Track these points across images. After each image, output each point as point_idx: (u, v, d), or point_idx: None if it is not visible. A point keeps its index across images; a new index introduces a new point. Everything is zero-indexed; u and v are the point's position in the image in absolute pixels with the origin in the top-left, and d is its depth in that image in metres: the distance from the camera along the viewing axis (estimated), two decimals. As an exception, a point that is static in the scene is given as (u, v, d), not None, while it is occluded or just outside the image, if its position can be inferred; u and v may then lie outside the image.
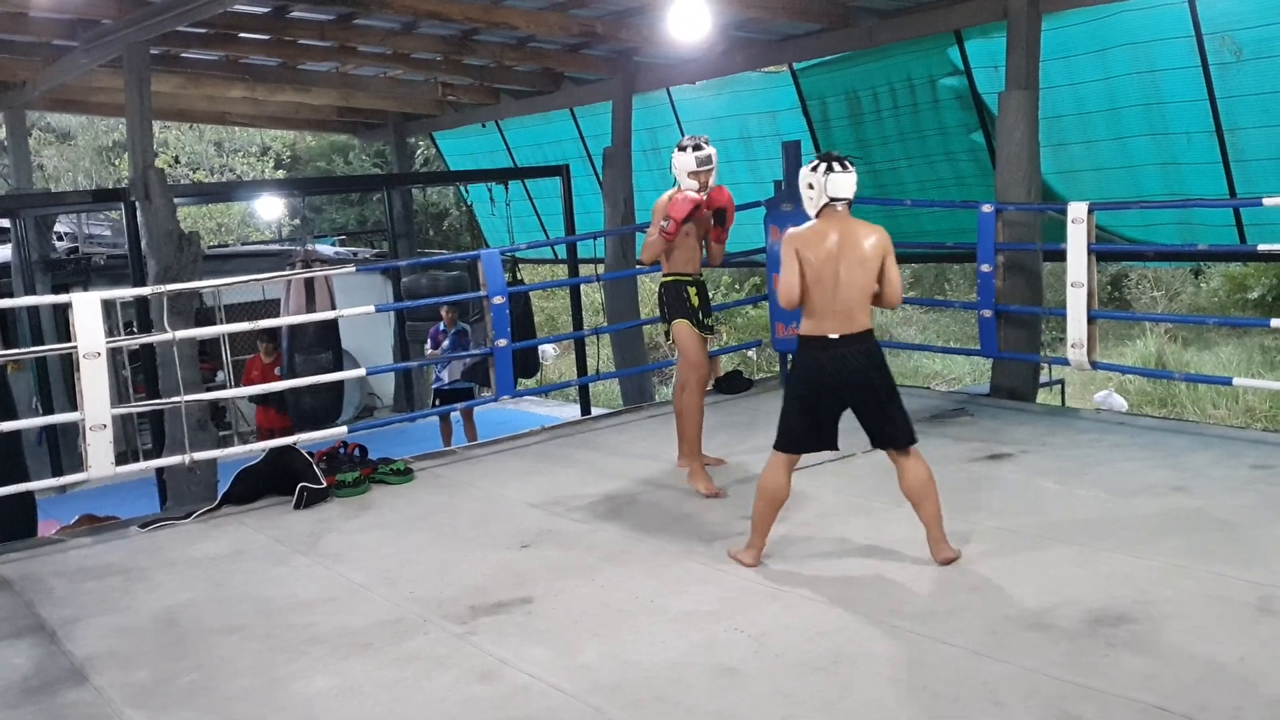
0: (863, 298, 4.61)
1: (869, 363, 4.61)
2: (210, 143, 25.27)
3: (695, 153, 5.89)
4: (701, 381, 6.05)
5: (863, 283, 4.60)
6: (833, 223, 4.68)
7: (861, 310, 4.61)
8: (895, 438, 4.65)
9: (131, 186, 7.76)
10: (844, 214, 4.70)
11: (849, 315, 4.58)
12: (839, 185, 4.67)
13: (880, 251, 4.64)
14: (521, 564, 4.96)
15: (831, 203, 4.68)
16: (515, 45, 10.60)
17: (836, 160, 4.71)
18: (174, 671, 4.02)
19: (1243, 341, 18.57)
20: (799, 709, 3.41)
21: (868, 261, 4.61)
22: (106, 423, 5.70)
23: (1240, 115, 7.44)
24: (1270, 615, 3.83)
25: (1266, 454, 5.86)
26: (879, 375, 4.62)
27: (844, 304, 4.58)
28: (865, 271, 4.61)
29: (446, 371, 10.46)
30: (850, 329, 4.58)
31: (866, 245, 4.63)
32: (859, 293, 4.59)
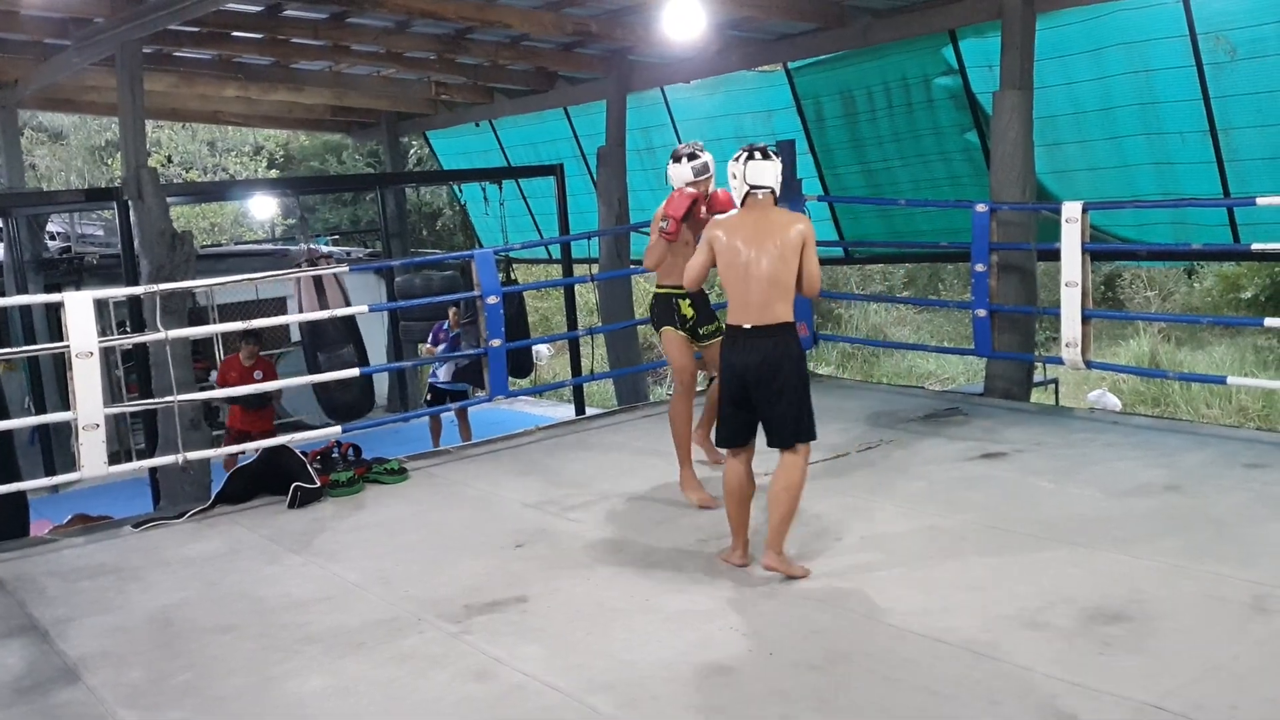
0: (778, 289, 4.50)
1: (775, 356, 4.49)
2: (203, 142, 25.22)
3: (690, 162, 5.61)
4: (684, 384, 5.84)
5: (779, 274, 4.50)
6: (754, 212, 4.63)
7: (779, 302, 4.50)
8: (782, 437, 4.55)
9: (124, 186, 7.74)
10: (766, 203, 4.63)
11: (763, 306, 4.50)
12: (759, 173, 4.61)
13: (798, 241, 4.51)
14: (516, 563, 4.95)
15: (752, 190, 4.62)
16: (509, 44, 10.59)
17: (759, 150, 4.67)
18: (167, 671, 4.01)
19: (1236, 341, 18.62)
20: (794, 708, 3.41)
21: (786, 252, 4.50)
22: (99, 422, 5.68)
23: (1234, 115, 7.45)
24: (1264, 614, 3.84)
25: (1260, 453, 5.87)
26: (783, 371, 4.50)
27: (758, 295, 4.50)
28: (783, 262, 4.50)
29: (444, 369, 10.46)
30: (763, 320, 4.50)
31: (786, 235, 4.51)
32: (774, 284, 4.50)
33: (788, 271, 4.51)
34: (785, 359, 4.51)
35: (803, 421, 4.56)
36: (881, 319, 21.85)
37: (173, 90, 11.39)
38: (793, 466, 4.54)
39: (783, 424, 4.55)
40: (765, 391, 4.52)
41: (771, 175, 4.64)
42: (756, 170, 4.62)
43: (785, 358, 4.51)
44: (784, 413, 4.53)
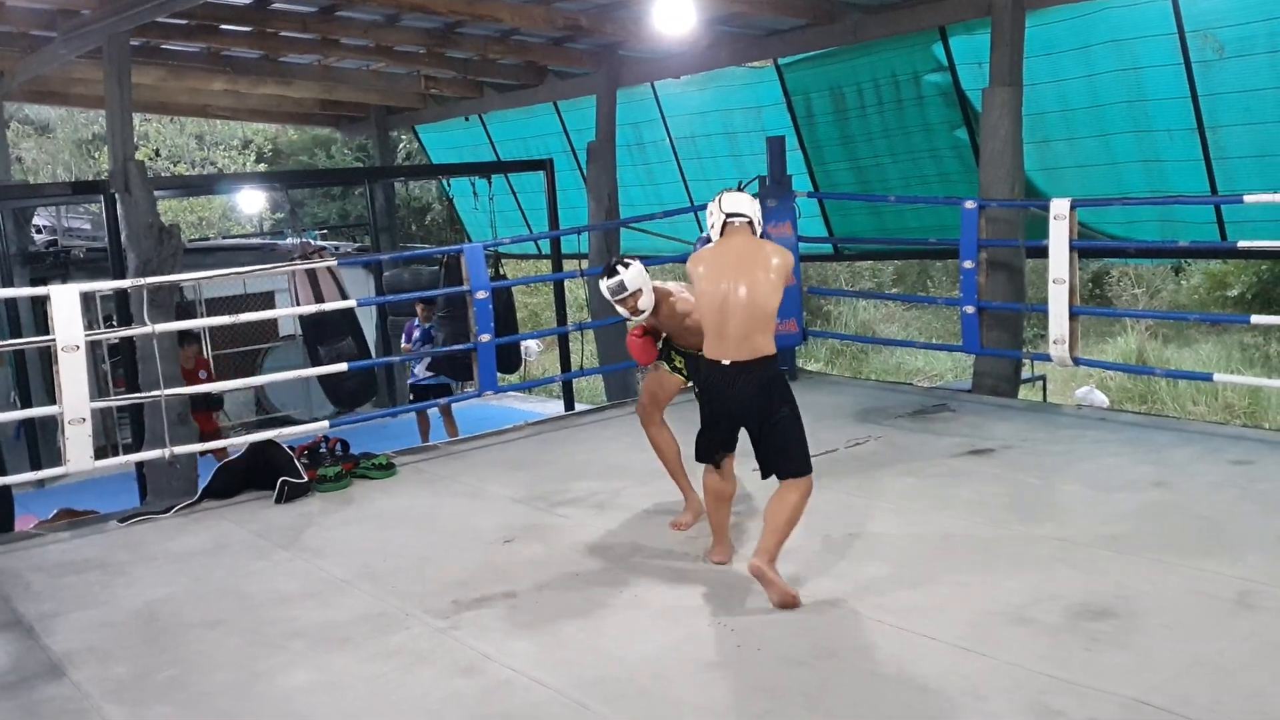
0: (758, 320, 4.32)
1: (764, 393, 4.35)
2: (191, 136, 25.11)
3: (607, 280, 5.10)
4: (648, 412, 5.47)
5: (759, 304, 4.32)
6: (733, 240, 4.49)
7: (759, 333, 4.33)
8: (780, 468, 4.40)
9: (111, 179, 7.70)
10: (743, 231, 4.50)
11: (743, 338, 4.32)
12: (734, 202, 4.54)
13: (779, 272, 4.36)
14: (504, 559, 4.95)
15: (729, 219, 4.51)
16: (499, 38, 10.55)
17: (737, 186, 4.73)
18: (153, 666, 4.00)
19: (1223, 338, 18.68)
20: (781, 703, 3.41)
21: (768, 284, 4.33)
22: (85, 416, 5.66)
23: (1222, 113, 7.47)
24: (1249, 609, 3.86)
25: (1245, 450, 5.90)
26: (774, 410, 4.36)
27: (737, 328, 4.32)
28: (764, 294, 4.32)
29: (420, 366, 10.45)
30: (741, 355, 4.33)
31: (767, 265, 4.36)
32: (754, 315, 4.32)
33: (770, 304, 4.35)
34: (775, 397, 4.37)
35: (802, 457, 4.40)
36: (870, 315, 21.86)
37: (161, 83, 11.34)
38: (792, 492, 4.36)
39: (776, 461, 4.41)
40: (756, 428, 4.40)
41: (747, 205, 4.54)
42: (732, 200, 4.54)
43: (774, 395, 4.37)
44: (778, 449, 4.40)
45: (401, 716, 3.50)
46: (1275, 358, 17.34)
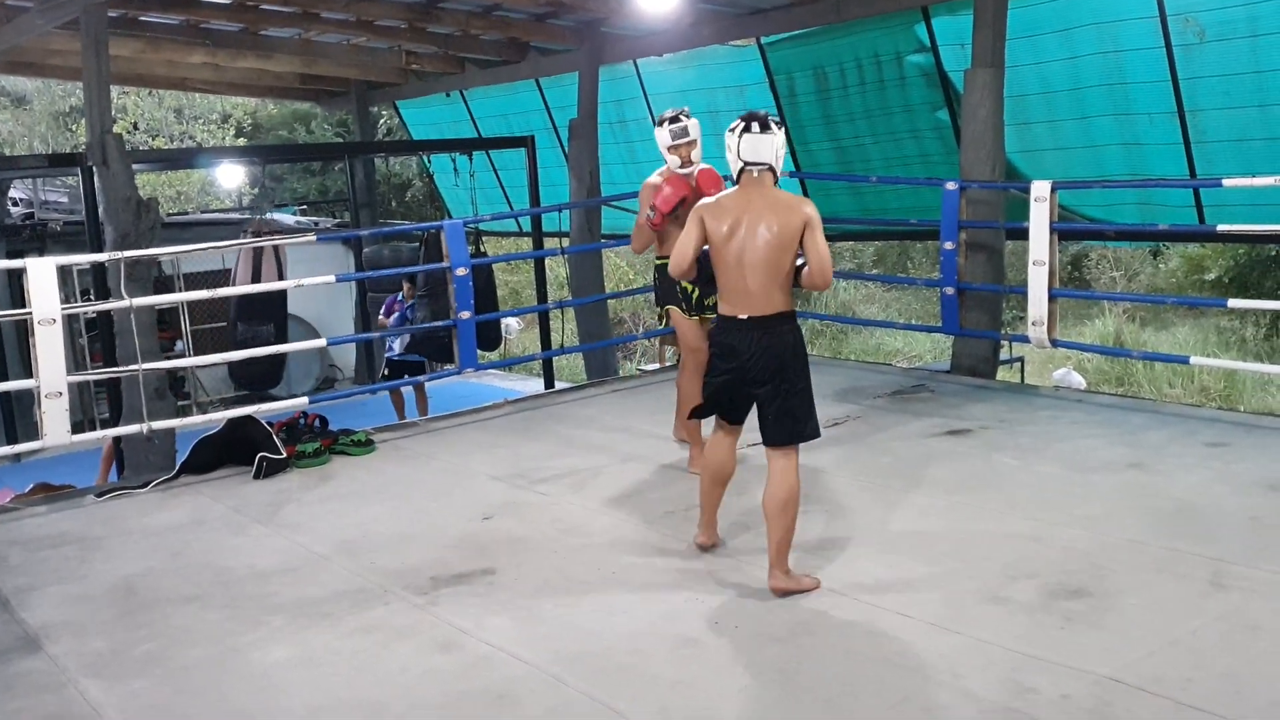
0: (773, 277, 4.09)
1: (777, 352, 4.13)
2: (170, 109, 24.91)
3: (671, 125, 5.49)
4: (698, 365, 5.46)
5: (773, 260, 4.08)
6: (749, 192, 4.20)
7: (776, 288, 4.11)
8: (776, 433, 4.18)
9: (89, 152, 7.62)
10: (762, 182, 4.20)
11: (761, 294, 4.11)
12: (754, 148, 4.18)
13: (799, 226, 4.07)
14: (484, 536, 4.95)
15: (747, 167, 4.21)
16: (480, 14, 10.49)
17: (758, 120, 4.20)
18: (130, 641, 3.99)
19: (1199, 322, 18.81)
20: (758, 679, 3.44)
21: (782, 237, 4.06)
22: (62, 390, 5.62)
23: (1201, 97, 7.50)
24: (1222, 590, 3.90)
25: (1220, 432, 5.95)
26: (787, 368, 4.15)
27: (754, 281, 4.10)
28: (778, 248, 4.07)
29: (399, 342, 10.42)
30: (757, 310, 4.12)
31: (786, 220, 4.08)
32: (768, 271, 4.08)
33: (786, 259, 4.09)
34: (788, 354, 4.15)
35: (807, 420, 4.20)
36: (850, 296, 21.91)
37: (139, 56, 11.22)
38: (787, 473, 4.15)
39: (783, 422, 4.17)
40: (767, 388, 4.15)
41: (769, 150, 4.19)
42: (751, 144, 4.18)
43: (788, 353, 4.15)
44: (787, 411, 4.16)
45: (379, 692, 3.51)
46: (1251, 341, 17.48)
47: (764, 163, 4.19)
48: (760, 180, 4.20)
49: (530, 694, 3.43)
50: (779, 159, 4.24)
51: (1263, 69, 7.11)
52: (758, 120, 4.19)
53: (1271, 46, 7.00)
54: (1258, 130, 7.35)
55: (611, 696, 3.37)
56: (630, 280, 21.69)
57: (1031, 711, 3.13)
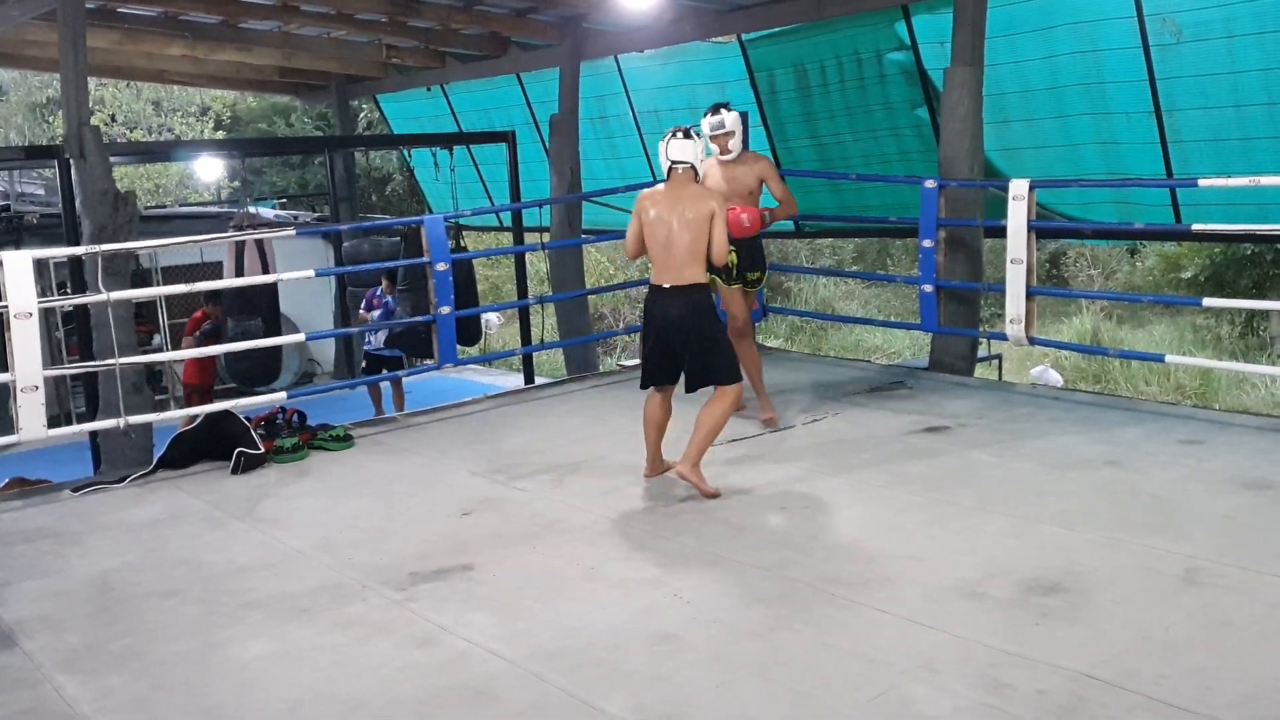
0: (690, 254, 5.15)
1: (689, 311, 5.17)
2: (148, 101, 24.75)
3: (710, 117, 6.43)
4: (736, 330, 6.45)
5: (689, 241, 5.14)
6: (674, 186, 5.28)
7: (690, 265, 5.16)
8: (691, 380, 5.28)
9: (66, 144, 7.57)
10: (684, 178, 5.29)
11: (678, 269, 5.17)
12: (679, 150, 5.28)
13: (707, 214, 5.15)
14: (463, 531, 4.95)
15: (673, 166, 5.29)
16: (461, 8, 10.47)
17: (683, 130, 5.33)
18: (107, 636, 3.98)
19: (1175, 320, 18.95)
20: (735, 674, 3.45)
21: (695, 223, 5.13)
22: (38, 384, 5.59)
23: (1178, 96, 7.55)
24: (1195, 586, 3.93)
25: (1195, 429, 6.00)
26: (696, 324, 5.18)
27: (674, 259, 5.17)
28: (692, 231, 5.14)
29: (378, 336, 10.40)
30: (678, 281, 5.17)
31: (695, 209, 5.14)
32: (686, 250, 5.15)
33: (699, 240, 5.16)
34: (698, 314, 5.19)
35: (719, 368, 5.24)
36: (830, 293, 21.97)
37: (117, 47, 11.14)
38: (722, 396, 5.23)
39: (698, 371, 5.26)
40: (683, 343, 5.21)
41: (691, 152, 5.28)
42: (677, 148, 5.28)
43: (698, 313, 5.19)
44: (700, 361, 5.22)
45: (357, 687, 3.50)
46: (1226, 340, 17.63)
47: (685, 161, 5.30)
48: (683, 177, 5.31)
49: (508, 690, 3.44)
50: (699, 159, 5.35)
51: (1238, 70, 7.16)
52: (682, 130, 5.34)
53: (1247, 47, 7.06)
54: (1233, 130, 7.41)
55: (589, 692, 3.38)
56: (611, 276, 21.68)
57: (1007, 707, 3.15)
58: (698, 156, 5.33)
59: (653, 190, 5.39)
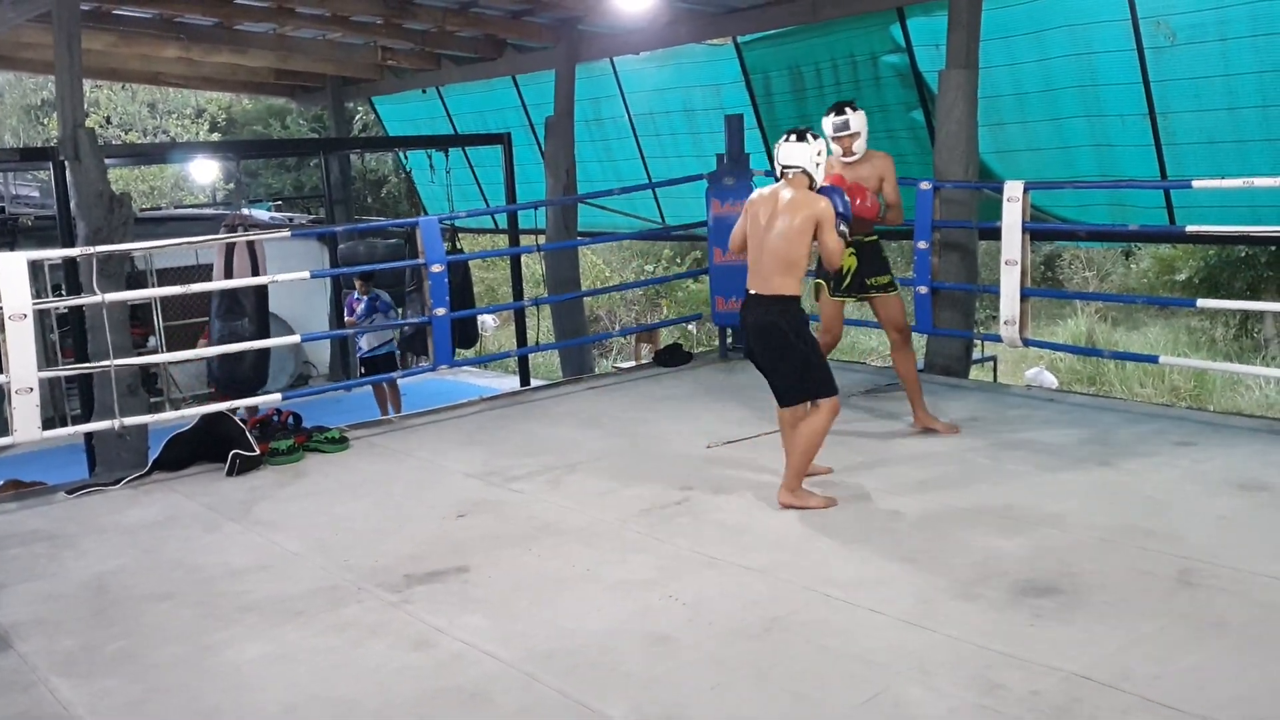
0: (778, 262, 4.90)
1: (768, 323, 4.94)
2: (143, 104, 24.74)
3: (834, 117, 6.08)
4: (824, 346, 6.09)
5: (781, 249, 4.89)
6: (782, 190, 5.01)
7: (777, 274, 4.91)
8: (780, 395, 5.07)
9: (60, 146, 7.57)
10: (794, 183, 5.00)
11: (765, 277, 4.95)
12: (785, 154, 5.01)
13: (809, 223, 4.88)
14: (458, 533, 4.95)
15: (784, 170, 5.03)
16: (457, 10, 10.48)
17: (797, 132, 5.04)
18: (102, 639, 3.97)
19: (1170, 322, 18.99)
20: (730, 676, 3.45)
21: (793, 233, 4.87)
22: (33, 386, 5.59)
23: (1172, 99, 7.57)
24: (1189, 587, 3.94)
25: (1190, 431, 6.01)
26: (776, 339, 4.94)
27: (763, 266, 4.95)
28: (786, 240, 4.88)
29: (365, 340, 10.40)
30: (763, 290, 4.96)
31: (798, 217, 4.88)
32: (775, 258, 4.90)
33: (792, 250, 4.88)
34: (778, 328, 4.92)
35: (803, 384, 4.99)
36: (827, 294, 21.97)
37: (112, 49, 11.16)
38: (814, 413, 4.98)
39: (782, 387, 5.04)
40: (763, 353, 5.02)
41: (801, 155, 4.99)
42: (786, 151, 5.01)
43: (778, 327, 4.92)
44: (783, 376, 5.01)
45: (352, 690, 3.50)
46: (1220, 341, 17.66)
47: (796, 166, 5.01)
48: (792, 181, 5.02)
49: (503, 692, 3.44)
50: (814, 163, 5.03)
51: (1232, 72, 7.18)
52: (795, 132, 5.05)
53: (1240, 50, 7.08)
54: (1227, 133, 7.43)
55: (584, 694, 3.38)
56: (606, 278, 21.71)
57: (1001, 708, 3.16)
58: (812, 160, 5.03)
59: (764, 190, 5.14)
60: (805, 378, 4.98)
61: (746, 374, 8.10)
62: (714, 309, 8.49)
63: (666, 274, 21.15)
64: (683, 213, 10.65)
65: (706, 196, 8.31)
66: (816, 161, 5.05)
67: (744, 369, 8.27)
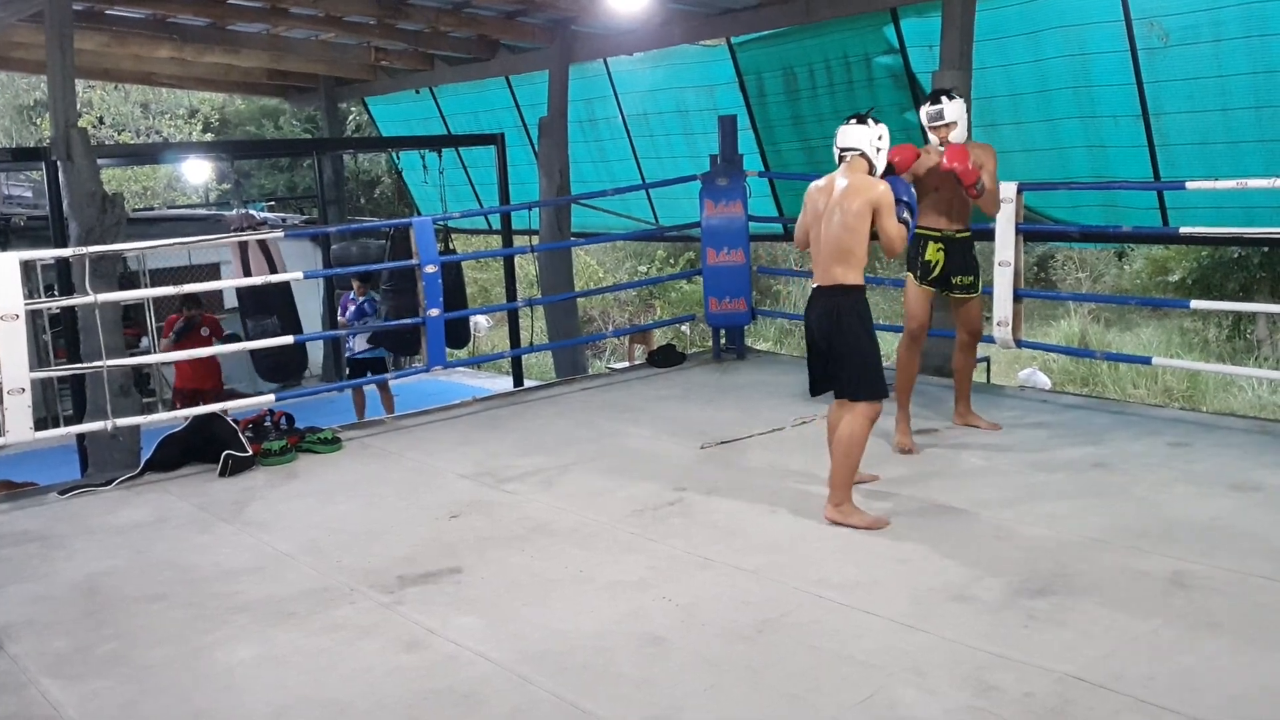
0: (836, 250, 4.69)
1: (829, 317, 4.77)
2: (136, 104, 24.66)
3: (929, 106, 5.88)
4: (911, 335, 6.08)
5: (837, 236, 4.68)
6: (840, 174, 4.81)
7: (835, 263, 4.71)
8: (839, 389, 4.87)
9: (53, 146, 7.54)
10: (852, 166, 4.80)
11: (825, 268, 4.75)
12: (843, 136, 4.82)
13: (865, 207, 4.65)
14: (451, 534, 4.94)
15: (842, 153, 4.84)
16: (450, 10, 10.46)
17: (857, 116, 4.84)
18: (93, 640, 3.96)
19: (1163, 323, 19.01)
20: (723, 678, 3.45)
21: (848, 218, 4.65)
22: (25, 387, 5.57)
23: (1166, 100, 7.58)
24: (1182, 588, 3.94)
25: (1183, 432, 6.02)
26: (836, 331, 4.75)
27: (822, 256, 4.75)
28: (843, 227, 4.67)
29: (356, 341, 10.38)
30: (823, 281, 4.78)
31: (853, 201, 4.66)
32: (833, 247, 4.70)
33: (848, 237, 4.66)
34: (838, 320, 4.75)
35: (858, 381, 4.79)
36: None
37: (104, 50, 11.12)
38: (850, 420, 4.77)
39: (839, 380, 4.84)
40: (825, 348, 4.83)
41: (859, 137, 4.77)
42: (844, 134, 4.81)
43: (838, 319, 4.75)
44: (840, 370, 4.81)
45: (344, 691, 3.49)
46: (1213, 343, 17.69)
47: (853, 149, 4.79)
48: (850, 165, 4.81)
49: (496, 693, 3.43)
50: (874, 146, 4.80)
51: (1225, 73, 7.19)
52: (856, 116, 4.84)
53: (1234, 51, 7.08)
54: (1220, 134, 7.44)
55: (577, 695, 3.37)
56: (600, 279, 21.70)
57: (995, 709, 3.16)
58: (872, 143, 4.79)
59: (820, 180, 4.92)
60: (865, 374, 4.80)
61: (740, 374, 8.12)
62: (707, 310, 8.49)
63: (660, 275, 21.15)
64: (676, 213, 10.65)
65: (700, 197, 8.31)
66: (877, 146, 4.83)
67: (737, 370, 8.29)
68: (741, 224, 8.25)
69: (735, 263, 8.27)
